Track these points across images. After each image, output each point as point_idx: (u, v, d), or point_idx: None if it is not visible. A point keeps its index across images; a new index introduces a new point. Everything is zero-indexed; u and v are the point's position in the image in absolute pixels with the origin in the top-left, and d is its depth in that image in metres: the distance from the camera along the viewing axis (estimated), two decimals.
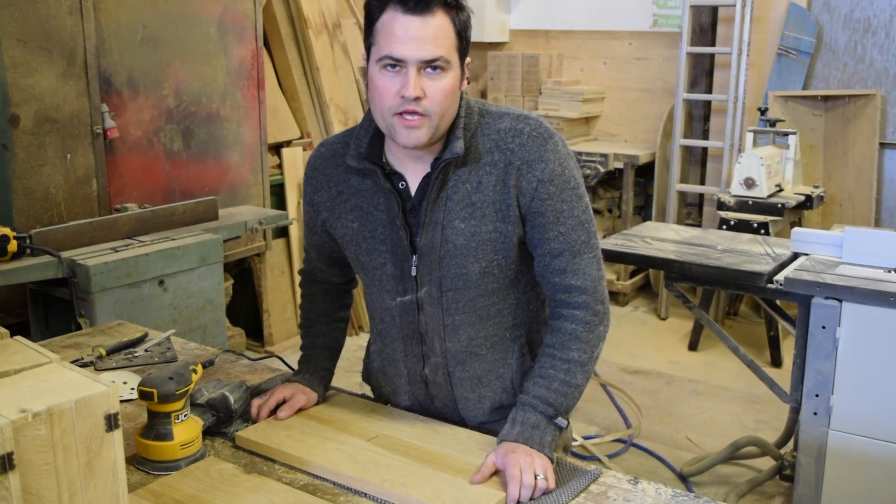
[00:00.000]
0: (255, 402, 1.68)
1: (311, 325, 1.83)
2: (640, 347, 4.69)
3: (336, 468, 1.46)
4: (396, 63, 1.41)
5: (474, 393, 1.65)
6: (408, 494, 1.37)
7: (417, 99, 1.41)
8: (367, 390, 1.90)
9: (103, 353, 1.93)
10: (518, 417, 1.50)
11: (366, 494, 1.41)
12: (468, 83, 1.51)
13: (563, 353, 1.54)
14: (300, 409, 1.68)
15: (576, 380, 1.54)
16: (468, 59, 1.51)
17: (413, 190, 1.55)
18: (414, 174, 1.55)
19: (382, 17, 1.42)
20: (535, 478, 1.39)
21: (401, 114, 1.43)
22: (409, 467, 1.46)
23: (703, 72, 5.40)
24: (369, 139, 1.56)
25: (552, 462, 1.45)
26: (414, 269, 1.56)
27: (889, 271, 2.61)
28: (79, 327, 2.74)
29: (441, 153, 1.51)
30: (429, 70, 1.42)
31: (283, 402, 1.68)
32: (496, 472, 1.43)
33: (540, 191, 1.50)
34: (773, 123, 4.54)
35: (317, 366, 1.78)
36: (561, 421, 1.51)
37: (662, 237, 3.27)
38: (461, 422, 1.67)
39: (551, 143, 1.51)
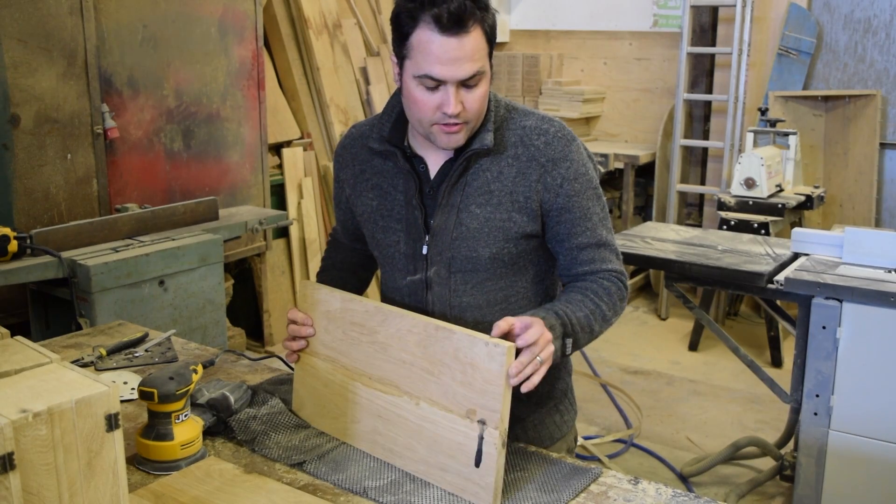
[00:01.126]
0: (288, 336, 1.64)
1: (326, 271, 1.87)
2: (640, 348, 4.69)
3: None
4: (436, 82, 1.46)
5: None
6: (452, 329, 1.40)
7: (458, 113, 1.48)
8: None
9: (103, 353, 1.93)
10: (539, 312, 1.47)
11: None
12: (490, 68, 1.53)
13: (594, 297, 1.56)
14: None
15: (591, 326, 1.54)
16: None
17: (433, 173, 1.61)
18: (435, 159, 1.61)
19: (417, 33, 1.44)
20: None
21: (441, 123, 1.50)
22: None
23: (703, 72, 5.40)
24: (392, 123, 1.62)
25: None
26: (425, 247, 1.61)
27: (889, 271, 2.61)
28: (79, 327, 2.74)
29: (469, 143, 1.56)
30: (467, 83, 1.47)
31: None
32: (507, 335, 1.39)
33: (566, 188, 1.56)
34: (773, 123, 4.54)
35: None
36: (567, 343, 1.48)
37: (663, 237, 3.27)
38: None
39: (574, 146, 1.59)
